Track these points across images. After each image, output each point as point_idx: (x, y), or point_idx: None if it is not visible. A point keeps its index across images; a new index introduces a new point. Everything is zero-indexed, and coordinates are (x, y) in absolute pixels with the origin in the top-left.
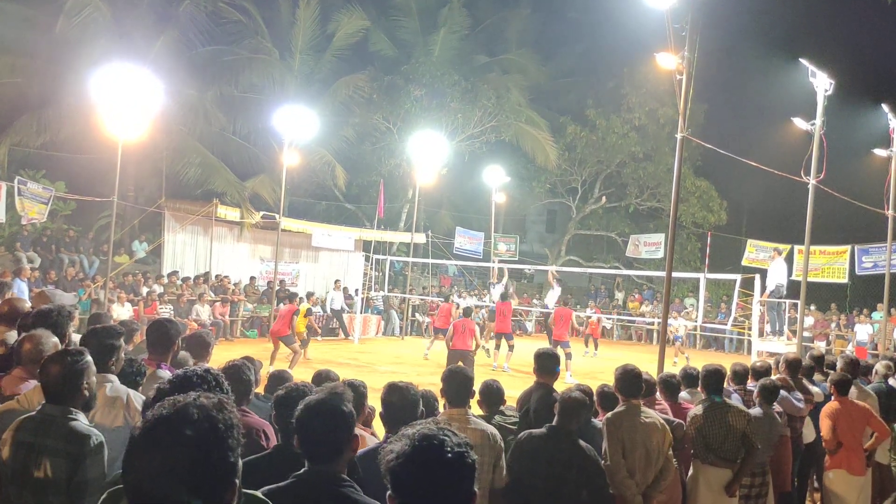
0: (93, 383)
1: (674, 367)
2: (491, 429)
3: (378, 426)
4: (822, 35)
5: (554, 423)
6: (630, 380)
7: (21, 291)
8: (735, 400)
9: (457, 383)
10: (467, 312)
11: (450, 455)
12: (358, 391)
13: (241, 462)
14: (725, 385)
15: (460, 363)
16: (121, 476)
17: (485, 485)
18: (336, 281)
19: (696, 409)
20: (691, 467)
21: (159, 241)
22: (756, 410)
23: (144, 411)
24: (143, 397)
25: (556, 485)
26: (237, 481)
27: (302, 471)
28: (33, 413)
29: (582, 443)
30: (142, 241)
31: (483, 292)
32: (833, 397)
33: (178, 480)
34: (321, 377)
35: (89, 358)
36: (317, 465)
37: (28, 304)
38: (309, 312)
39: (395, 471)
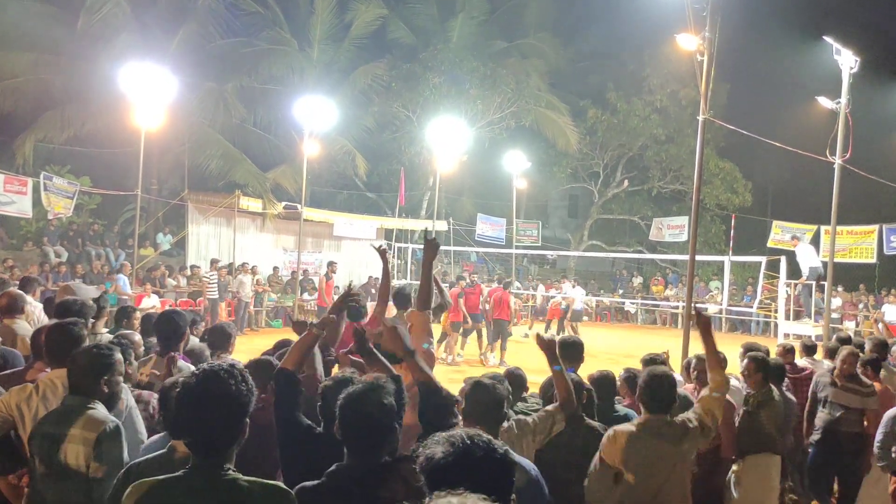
0: (117, 382)
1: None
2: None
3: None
4: (847, 12)
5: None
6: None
7: (125, 285)
8: None
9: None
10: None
11: (488, 460)
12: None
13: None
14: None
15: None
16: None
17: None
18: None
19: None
20: (734, 468)
21: (183, 233)
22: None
23: (162, 400)
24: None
25: (578, 471)
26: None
27: (335, 466)
28: (57, 406)
29: (592, 422)
30: (166, 233)
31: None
32: None
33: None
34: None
35: (118, 356)
36: (356, 456)
37: (25, 297)
38: None
39: (430, 472)
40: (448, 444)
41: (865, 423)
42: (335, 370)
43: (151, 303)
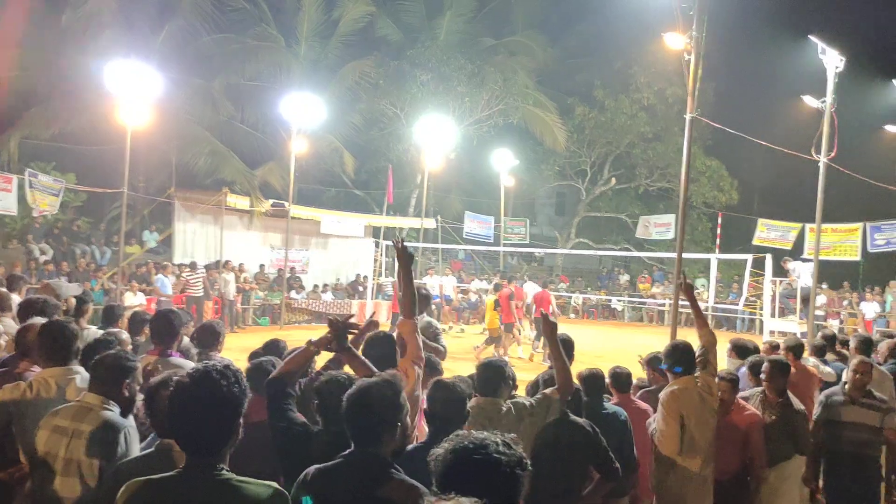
0: (135, 390)
1: None
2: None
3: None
4: (832, 11)
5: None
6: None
7: (164, 287)
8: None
9: (490, 372)
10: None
11: (495, 463)
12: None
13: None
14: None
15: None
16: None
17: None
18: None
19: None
20: (768, 476)
21: (170, 230)
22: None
23: (148, 398)
24: None
25: (563, 467)
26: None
27: (348, 452)
28: (73, 402)
29: (577, 419)
30: (152, 230)
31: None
32: None
33: (201, 430)
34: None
35: (139, 365)
36: (362, 447)
37: (11, 295)
38: None
39: (436, 474)
40: (452, 447)
41: (886, 444)
42: None
43: (137, 301)
